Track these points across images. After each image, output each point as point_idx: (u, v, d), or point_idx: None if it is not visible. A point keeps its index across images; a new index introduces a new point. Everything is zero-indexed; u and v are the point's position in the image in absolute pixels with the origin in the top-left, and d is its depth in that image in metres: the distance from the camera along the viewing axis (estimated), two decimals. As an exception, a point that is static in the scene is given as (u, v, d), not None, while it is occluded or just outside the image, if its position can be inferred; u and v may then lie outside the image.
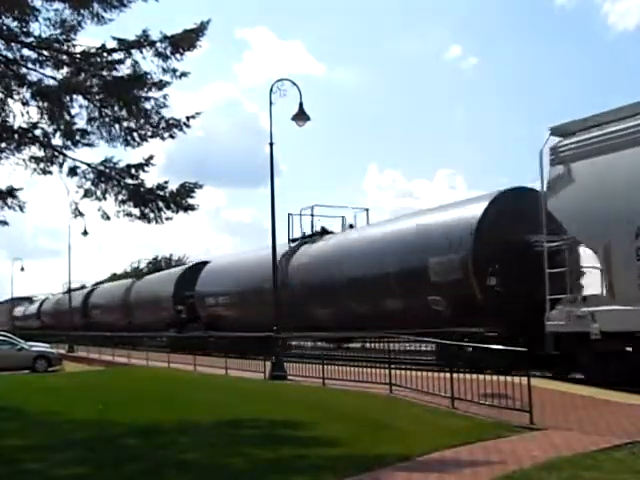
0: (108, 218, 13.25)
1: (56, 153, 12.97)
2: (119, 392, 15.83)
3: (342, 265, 21.61)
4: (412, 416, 10.31)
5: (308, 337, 24.55)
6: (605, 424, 9.07)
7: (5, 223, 14.43)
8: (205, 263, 34.36)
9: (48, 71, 12.43)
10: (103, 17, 11.85)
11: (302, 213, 26.15)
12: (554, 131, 14.34)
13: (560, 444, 7.89)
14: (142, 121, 12.50)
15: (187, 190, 12.80)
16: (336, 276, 21.69)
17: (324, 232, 25.32)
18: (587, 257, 13.58)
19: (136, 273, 47.13)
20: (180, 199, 12.77)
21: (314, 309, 22.87)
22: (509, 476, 6.55)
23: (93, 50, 12.27)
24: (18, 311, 73.25)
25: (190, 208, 12.92)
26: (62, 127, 12.69)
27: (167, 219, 13.02)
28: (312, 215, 25.85)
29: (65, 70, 12.52)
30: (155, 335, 36.56)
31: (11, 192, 13.56)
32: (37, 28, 11.94)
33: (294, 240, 25.77)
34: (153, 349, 31.44)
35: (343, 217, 25.68)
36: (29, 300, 73.77)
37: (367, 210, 25.57)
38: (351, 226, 25.04)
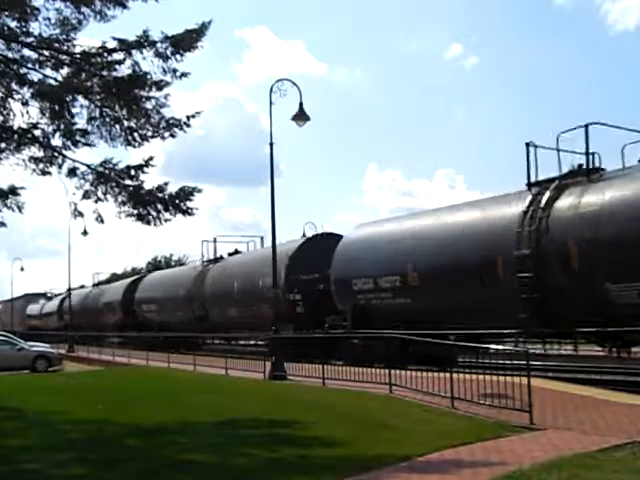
0: (102, 221, 13.26)
1: (55, 154, 12.97)
2: (119, 392, 15.84)
3: None
4: (412, 416, 10.30)
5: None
6: (605, 424, 9.07)
7: (3, 225, 14.47)
8: (331, 235, 25.19)
9: (48, 71, 12.47)
10: (106, 14, 11.86)
11: (541, 145, 16.56)
12: None
13: (560, 444, 7.89)
14: (142, 121, 12.51)
15: (186, 194, 12.80)
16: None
17: (579, 172, 15.99)
18: None
19: (215, 258, 34.17)
20: (179, 202, 12.77)
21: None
22: (509, 476, 6.55)
23: (93, 50, 12.28)
24: (32, 309, 66.57)
25: (188, 212, 12.90)
26: (62, 127, 12.70)
27: (166, 221, 13.03)
28: (587, 154, 15.97)
29: (65, 70, 12.53)
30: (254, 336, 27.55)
31: (13, 191, 13.61)
32: (37, 28, 11.98)
33: (536, 184, 16.52)
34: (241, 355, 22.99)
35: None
36: (46, 296, 66.98)
37: None
38: None
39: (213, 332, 29.79)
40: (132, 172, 12.81)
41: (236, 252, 33.91)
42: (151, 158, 12.91)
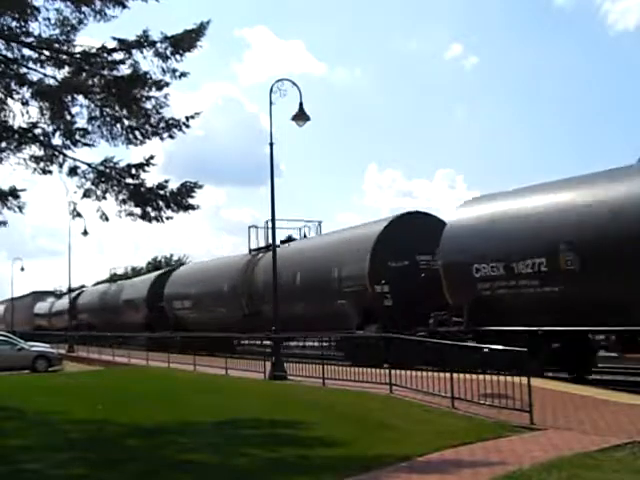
0: (107, 219, 13.31)
1: (56, 153, 13.00)
2: (119, 392, 15.84)
3: None
4: (412, 416, 10.30)
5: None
6: (605, 424, 9.07)
7: (4, 224, 14.52)
8: (421, 214, 21.25)
9: (49, 71, 12.48)
10: (106, 14, 11.88)
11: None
12: None
13: (560, 444, 7.89)
14: (142, 121, 12.52)
15: (187, 190, 12.83)
16: None
17: None
18: None
19: (267, 246, 27.93)
20: (180, 199, 12.81)
21: None
22: (509, 476, 6.55)
23: (93, 50, 12.29)
24: (41, 307, 62.73)
25: (190, 208, 12.95)
26: (62, 127, 12.72)
27: (168, 218, 13.06)
28: None
29: (66, 70, 12.54)
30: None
31: (13, 193, 13.62)
32: (37, 28, 11.99)
33: None
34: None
35: None
36: (55, 294, 64.04)
37: None
38: None
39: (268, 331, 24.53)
40: (133, 171, 12.84)
41: (290, 239, 29.12)
42: (152, 157, 12.95)
